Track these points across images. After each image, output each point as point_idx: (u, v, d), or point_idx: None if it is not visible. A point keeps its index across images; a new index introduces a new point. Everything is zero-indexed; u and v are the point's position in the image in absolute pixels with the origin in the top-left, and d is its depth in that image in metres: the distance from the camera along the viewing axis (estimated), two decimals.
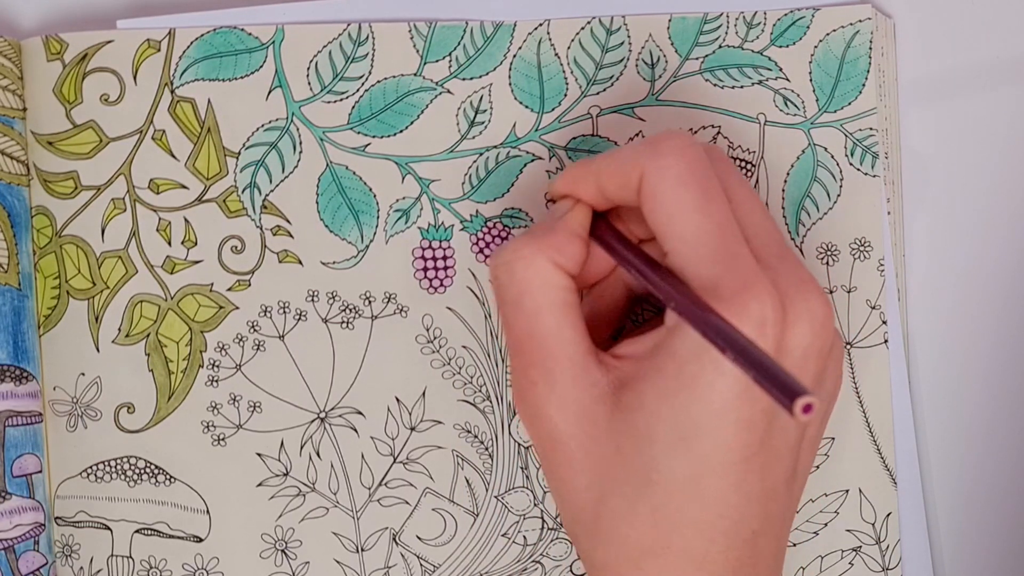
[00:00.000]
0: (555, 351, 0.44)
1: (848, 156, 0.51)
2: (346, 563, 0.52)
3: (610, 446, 0.43)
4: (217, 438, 0.51)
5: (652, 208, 0.42)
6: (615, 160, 0.44)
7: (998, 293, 0.53)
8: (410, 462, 0.52)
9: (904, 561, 0.52)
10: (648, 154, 0.43)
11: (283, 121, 0.51)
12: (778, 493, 0.44)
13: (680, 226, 0.42)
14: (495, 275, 0.45)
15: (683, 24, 0.51)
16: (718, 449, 0.41)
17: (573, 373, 0.44)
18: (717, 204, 0.42)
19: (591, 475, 0.43)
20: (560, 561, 0.52)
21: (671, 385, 0.42)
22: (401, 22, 0.51)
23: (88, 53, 0.51)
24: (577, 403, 0.43)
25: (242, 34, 0.51)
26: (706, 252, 0.41)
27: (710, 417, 0.41)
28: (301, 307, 0.51)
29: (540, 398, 0.44)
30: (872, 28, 0.50)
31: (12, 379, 0.50)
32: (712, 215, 0.42)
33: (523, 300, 0.44)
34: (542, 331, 0.44)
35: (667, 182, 0.42)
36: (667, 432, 0.42)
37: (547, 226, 0.45)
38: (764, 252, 0.43)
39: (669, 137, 0.43)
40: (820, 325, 0.42)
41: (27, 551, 0.50)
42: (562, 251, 0.44)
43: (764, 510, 0.43)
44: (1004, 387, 0.53)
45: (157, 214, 0.51)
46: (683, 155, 0.42)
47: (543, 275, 0.44)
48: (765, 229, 0.44)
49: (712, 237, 0.42)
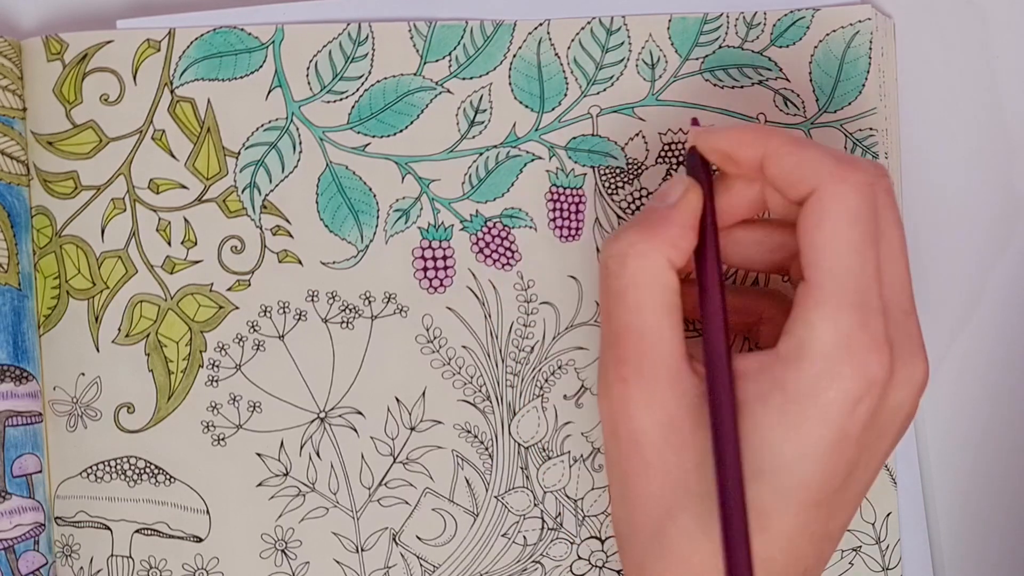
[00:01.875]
0: (653, 351, 0.43)
1: None
2: (346, 563, 0.52)
3: (691, 460, 0.42)
4: (217, 438, 0.51)
5: (811, 229, 0.41)
6: (795, 154, 0.42)
7: (998, 293, 0.53)
8: (410, 462, 0.52)
9: (904, 561, 0.52)
10: (835, 175, 0.41)
11: (283, 121, 0.51)
12: (834, 537, 0.44)
13: (833, 262, 0.41)
14: (605, 264, 0.44)
15: (683, 24, 0.51)
16: (799, 489, 0.41)
17: (668, 377, 0.42)
18: (873, 251, 0.41)
19: (665, 485, 0.42)
20: (560, 561, 0.52)
21: (771, 418, 0.41)
22: (401, 22, 0.51)
23: (88, 53, 0.51)
24: (665, 409, 0.42)
25: (242, 34, 0.51)
26: (848, 299, 0.41)
27: (800, 458, 0.41)
28: (301, 307, 0.51)
29: (628, 396, 0.43)
30: (872, 28, 0.50)
31: (12, 379, 0.50)
32: (866, 262, 0.41)
33: (628, 294, 0.43)
34: (643, 328, 0.43)
35: (839, 214, 0.41)
36: (753, 461, 0.41)
37: (661, 215, 0.43)
38: (894, 304, 0.42)
39: (861, 168, 0.42)
40: (917, 391, 0.43)
41: (27, 551, 0.50)
42: (677, 246, 0.43)
43: (819, 551, 0.43)
44: (1004, 387, 0.53)
45: (157, 214, 0.51)
46: (863, 192, 0.41)
47: (654, 272, 0.43)
48: (901, 281, 0.43)
49: (859, 285, 0.41)
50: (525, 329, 0.51)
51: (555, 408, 0.52)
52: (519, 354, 0.51)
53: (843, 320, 0.41)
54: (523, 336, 0.51)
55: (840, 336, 0.41)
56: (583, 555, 0.52)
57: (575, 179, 0.51)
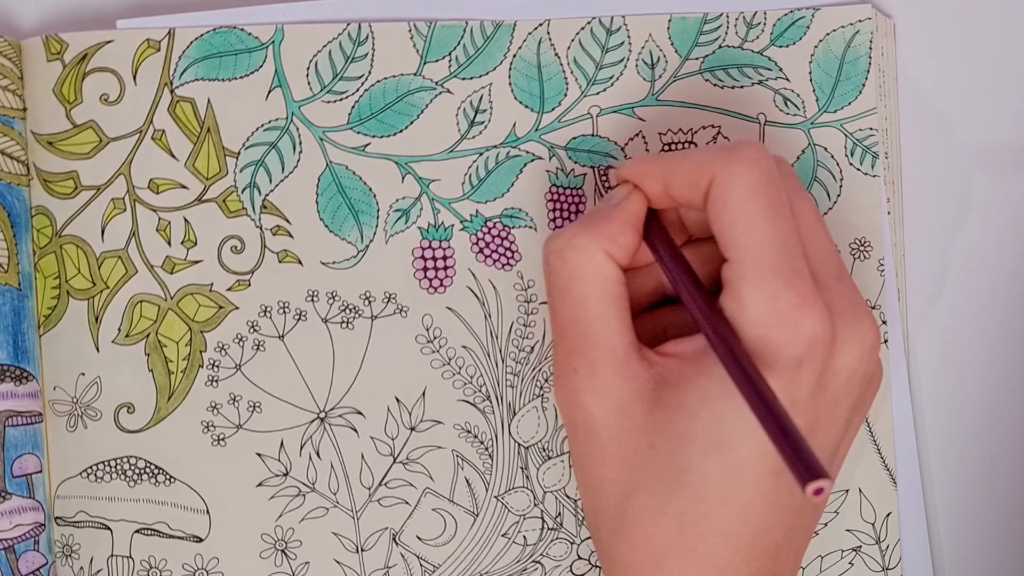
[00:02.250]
0: (599, 340, 0.44)
1: (848, 156, 0.51)
2: (346, 563, 0.52)
3: (644, 442, 0.43)
4: (217, 438, 0.51)
5: (719, 213, 0.42)
6: (687, 160, 0.44)
7: (998, 293, 0.53)
8: (410, 462, 0.52)
9: (904, 561, 0.52)
10: (723, 160, 0.43)
11: (283, 121, 0.51)
12: (804, 508, 0.44)
13: (745, 235, 0.42)
14: (547, 261, 0.45)
15: (683, 24, 0.51)
16: (754, 459, 0.41)
17: (615, 364, 0.44)
18: (784, 218, 0.42)
19: (621, 468, 0.43)
20: (560, 561, 0.52)
21: (716, 390, 0.42)
22: (401, 22, 0.51)
23: (88, 53, 0.51)
24: (616, 395, 0.43)
25: (242, 34, 0.51)
26: (767, 264, 0.41)
27: (750, 426, 0.41)
28: (301, 307, 0.51)
29: (579, 386, 0.44)
30: (872, 28, 0.50)
31: (12, 379, 0.50)
32: (778, 228, 0.42)
33: (572, 288, 0.44)
34: (588, 319, 0.44)
35: (738, 190, 0.42)
36: (705, 436, 0.42)
37: (603, 214, 0.45)
38: (822, 271, 0.43)
39: (745, 146, 0.43)
40: (868, 351, 0.43)
41: (27, 551, 0.50)
42: (616, 241, 0.44)
43: (789, 523, 0.43)
44: (1004, 387, 0.53)
45: (157, 214, 0.51)
46: (757, 165, 0.42)
47: (595, 265, 0.44)
48: (825, 249, 0.44)
49: (775, 250, 0.42)
50: (525, 329, 0.51)
51: (555, 408, 0.52)
52: (519, 354, 0.51)
53: (767, 286, 0.41)
54: (523, 336, 0.51)
55: (766, 301, 0.41)
56: (583, 555, 0.52)
57: (575, 179, 0.51)
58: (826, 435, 0.43)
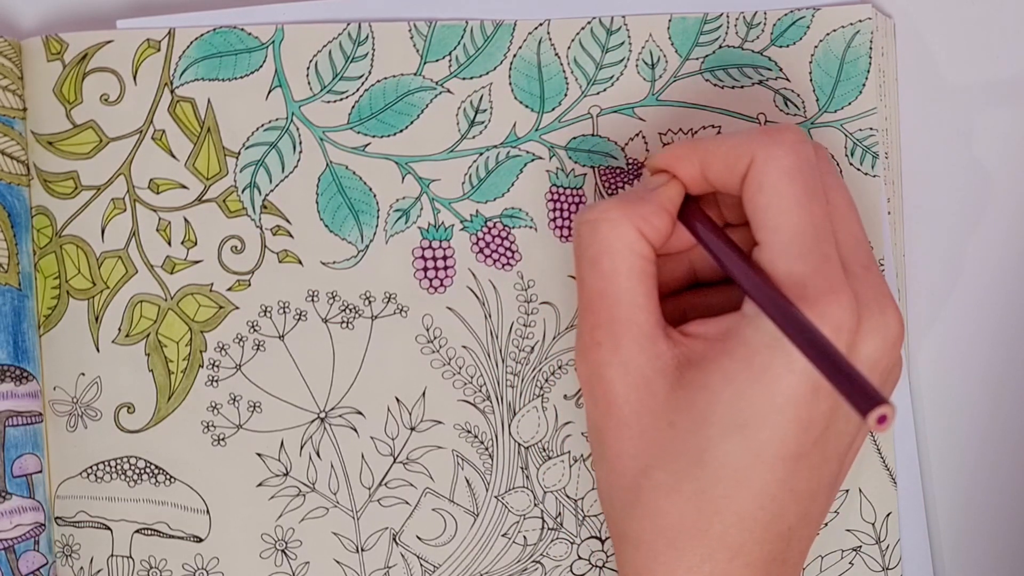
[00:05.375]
0: (625, 315, 0.44)
1: (848, 156, 0.51)
2: (346, 563, 0.52)
3: (664, 420, 0.43)
4: (217, 438, 0.51)
5: (753, 195, 0.43)
6: (725, 143, 0.44)
7: (998, 293, 0.53)
8: (410, 462, 0.52)
9: (904, 561, 0.52)
10: (761, 142, 0.43)
11: (283, 121, 0.51)
12: (819, 495, 0.44)
13: (778, 218, 0.42)
14: (577, 232, 0.45)
15: (683, 24, 0.51)
16: (774, 442, 0.42)
17: (640, 340, 0.43)
18: (817, 204, 0.42)
19: (640, 444, 0.43)
20: (560, 561, 0.52)
21: (738, 371, 0.42)
22: (401, 21, 0.51)
23: (88, 53, 0.51)
24: (639, 370, 0.43)
25: (242, 34, 0.51)
26: (798, 249, 0.42)
27: (772, 410, 0.41)
28: (301, 307, 0.51)
29: (602, 359, 0.44)
30: (872, 28, 0.50)
31: (12, 379, 0.50)
32: (811, 214, 0.42)
33: (601, 260, 0.44)
34: (615, 293, 0.44)
35: (775, 173, 0.42)
36: (726, 416, 0.42)
37: (638, 195, 0.45)
38: (851, 259, 0.43)
39: (784, 130, 0.43)
40: (891, 342, 0.43)
41: (27, 551, 0.50)
42: (649, 221, 0.44)
43: (803, 509, 0.43)
44: (1004, 387, 0.53)
45: (157, 214, 0.51)
46: (795, 149, 0.42)
47: (626, 239, 0.44)
48: (856, 237, 0.44)
49: (807, 235, 0.42)
50: (525, 329, 0.51)
51: (555, 408, 0.52)
52: (519, 354, 0.51)
53: (796, 270, 0.41)
54: (523, 336, 0.51)
55: (795, 286, 0.41)
56: (583, 555, 0.52)
57: (575, 179, 0.51)
58: (847, 422, 0.43)
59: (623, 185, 0.51)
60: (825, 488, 0.44)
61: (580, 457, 0.52)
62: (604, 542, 0.52)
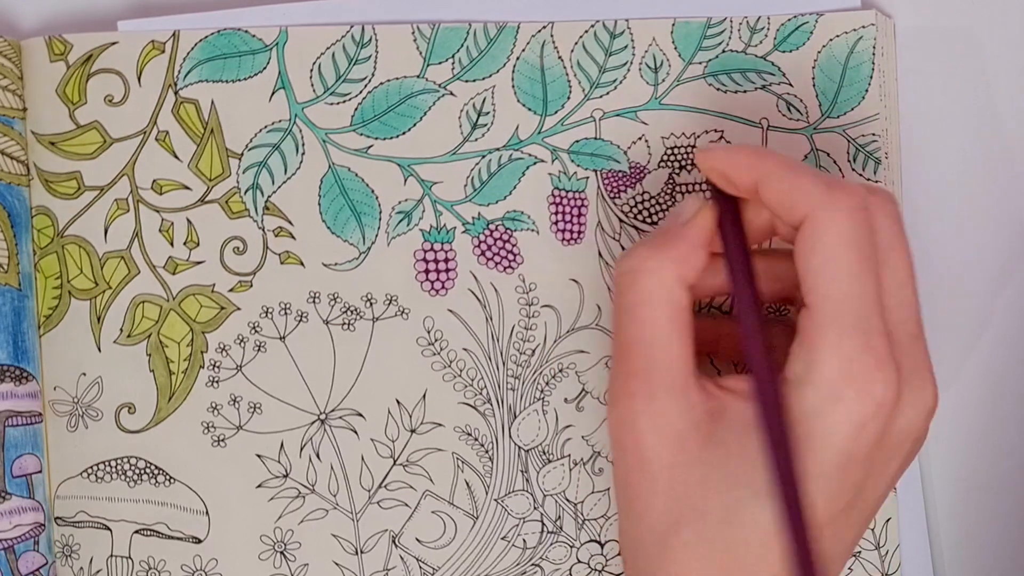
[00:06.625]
0: (661, 365, 0.43)
1: (851, 162, 0.51)
2: (345, 565, 0.52)
3: (696, 477, 0.42)
4: (217, 439, 0.51)
5: (807, 255, 0.42)
6: (787, 179, 0.42)
7: (998, 294, 0.53)
8: (410, 464, 0.52)
9: (904, 566, 0.52)
10: (823, 201, 0.41)
11: (286, 123, 0.51)
12: (844, 556, 0.44)
13: (829, 286, 0.41)
14: (618, 281, 0.44)
15: (687, 28, 0.51)
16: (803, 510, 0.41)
17: (674, 392, 0.43)
18: (870, 275, 0.42)
19: (670, 500, 0.43)
20: (559, 564, 0.52)
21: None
22: (404, 24, 0.51)
23: (92, 54, 0.51)
24: (672, 425, 0.43)
25: (246, 36, 0.51)
26: (848, 321, 0.41)
27: (806, 479, 0.41)
28: (302, 308, 0.51)
29: (636, 409, 0.43)
30: (875, 34, 0.50)
31: (12, 379, 0.50)
32: (863, 285, 0.41)
33: (640, 309, 0.43)
34: (652, 343, 0.43)
35: (833, 238, 0.41)
36: (759, 480, 0.41)
37: (673, 232, 0.44)
38: (900, 329, 0.43)
39: (846, 193, 0.42)
40: (925, 416, 0.43)
41: (27, 551, 0.50)
42: (687, 262, 0.43)
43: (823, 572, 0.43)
44: (1004, 388, 0.53)
45: (160, 215, 0.51)
46: (855, 215, 0.41)
47: (665, 287, 0.43)
48: (908, 304, 0.44)
49: (857, 307, 0.41)
50: (526, 332, 0.51)
51: (556, 411, 0.52)
52: (520, 357, 0.51)
53: (845, 344, 0.41)
54: (524, 339, 0.51)
55: (843, 360, 0.41)
56: (583, 559, 0.52)
57: (577, 182, 0.51)
58: (873, 490, 0.43)
59: (625, 188, 0.51)
60: (849, 548, 0.44)
61: (580, 461, 0.52)
62: (604, 546, 0.52)
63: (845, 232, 0.41)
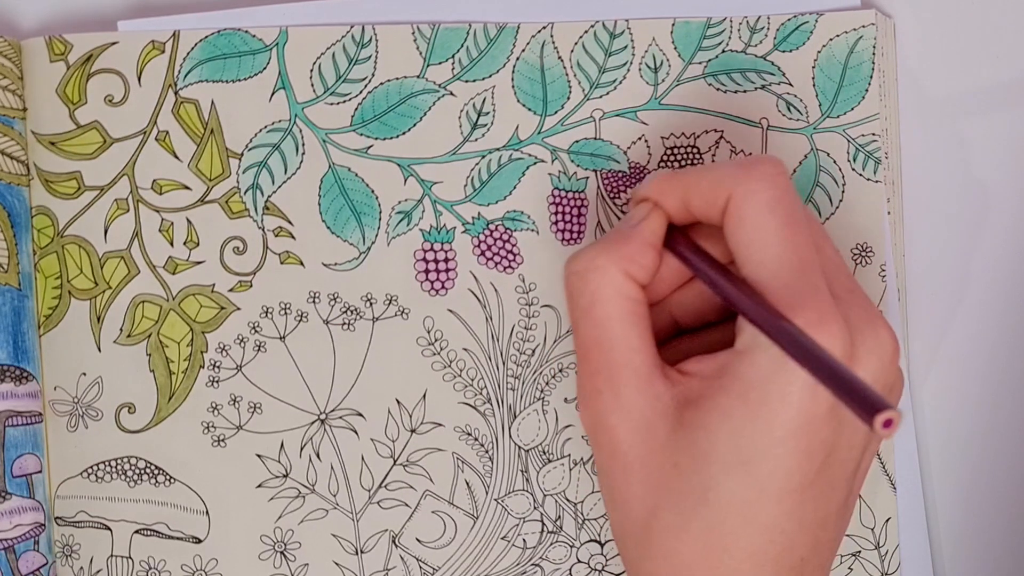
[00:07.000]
0: (621, 361, 0.44)
1: (851, 161, 0.51)
2: (345, 565, 0.52)
3: (668, 461, 0.43)
4: (217, 439, 0.51)
5: (735, 230, 0.43)
6: (705, 177, 0.44)
7: (998, 293, 0.53)
8: (410, 464, 0.52)
9: (903, 566, 0.52)
10: (739, 176, 0.43)
11: (286, 123, 0.51)
12: (829, 522, 0.44)
13: (761, 252, 0.42)
14: (568, 282, 0.45)
15: (687, 28, 0.51)
16: (776, 476, 0.41)
17: (638, 384, 0.44)
18: (802, 235, 0.42)
19: (646, 487, 0.43)
20: (559, 564, 0.52)
21: (735, 407, 0.42)
22: (404, 24, 0.51)
23: (93, 54, 0.51)
24: (640, 414, 0.43)
25: (246, 36, 0.51)
26: (784, 281, 0.41)
27: (771, 444, 0.41)
28: (302, 308, 0.51)
29: (604, 406, 0.44)
30: (875, 34, 0.50)
31: (12, 379, 0.50)
32: (795, 245, 0.42)
33: (593, 309, 0.44)
34: (610, 340, 0.44)
35: (755, 207, 0.42)
36: (727, 454, 0.42)
37: (622, 234, 0.45)
38: (835, 285, 0.43)
39: (762, 162, 0.43)
40: (888, 359, 0.43)
41: (27, 551, 0.50)
42: (635, 261, 0.44)
43: (814, 538, 0.43)
44: (1004, 389, 0.53)
45: (160, 215, 0.51)
46: (774, 182, 0.42)
47: (615, 285, 0.44)
48: (835, 263, 0.44)
49: (792, 267, 0.42)
50: (526, 332, 0.51)
51: (556, 411, 0.52)
52: (520, 357, 0.51)
53: (781, 302, 0.41)
54: (524, 339, 0.51)
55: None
56: (583, 558, 0.52)
57: (577, 182, 0.51)
58: (849, 448, 0.43)
59: (625, 188, 0.51)
60: (835, 515, 0.44)
61: (580, 460, 0.52)
62: (604, 545, 0.52)
63: (765, 198, 0.42)
